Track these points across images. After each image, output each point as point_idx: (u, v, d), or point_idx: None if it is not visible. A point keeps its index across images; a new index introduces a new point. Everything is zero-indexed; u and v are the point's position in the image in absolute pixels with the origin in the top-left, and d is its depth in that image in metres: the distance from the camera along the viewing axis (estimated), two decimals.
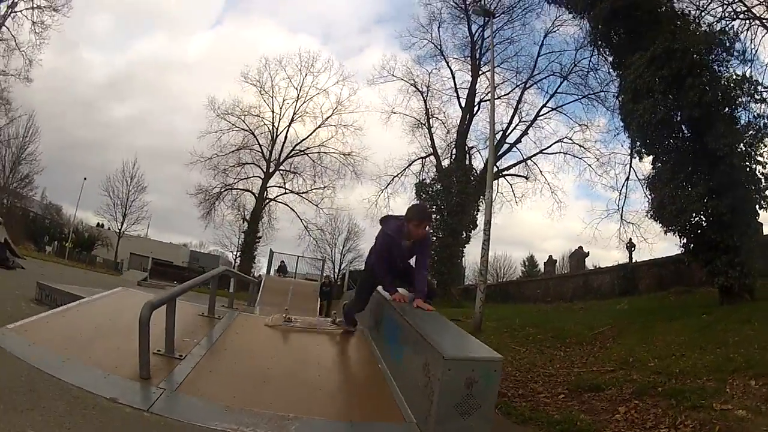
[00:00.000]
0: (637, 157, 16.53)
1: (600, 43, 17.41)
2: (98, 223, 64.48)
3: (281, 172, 51.77)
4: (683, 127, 13.80)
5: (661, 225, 14.31)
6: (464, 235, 34.91)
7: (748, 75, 13.64)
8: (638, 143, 15.18)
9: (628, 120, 14.74)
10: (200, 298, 8.53)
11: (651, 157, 14.81)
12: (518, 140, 39.33)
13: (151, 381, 4.46)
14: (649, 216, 15.56)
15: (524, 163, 39.65)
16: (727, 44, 13.49)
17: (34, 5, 37.18)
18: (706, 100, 12.43)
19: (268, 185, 51.14)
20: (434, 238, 34.11)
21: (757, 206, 12.67)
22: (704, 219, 13.04)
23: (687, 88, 12.62)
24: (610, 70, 22.25)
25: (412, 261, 6.30)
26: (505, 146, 39.33)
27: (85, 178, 58.98)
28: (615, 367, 7.57)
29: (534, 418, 5.28)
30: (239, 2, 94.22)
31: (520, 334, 13.03)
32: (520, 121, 39.29)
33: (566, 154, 38.01)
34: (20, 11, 37.12)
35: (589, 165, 36.21)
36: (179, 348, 5.27)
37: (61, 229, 61.86)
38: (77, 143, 78.27)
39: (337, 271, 57.37)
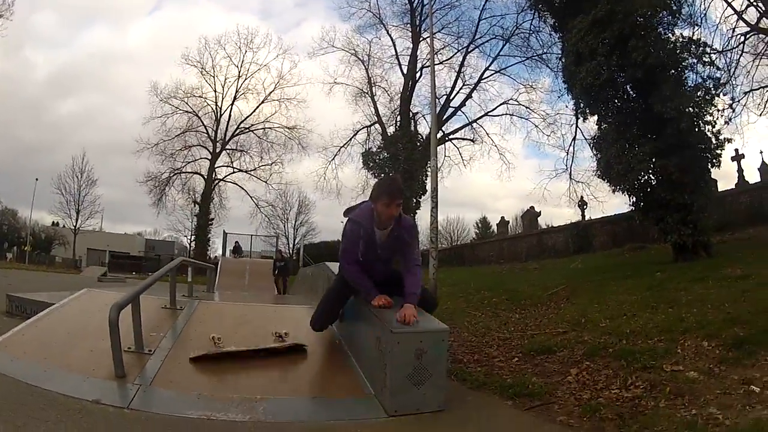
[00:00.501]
0: (582, 118, 16.64)
1: (541, 6, 17.87)
2: (53, 222, 63.61)
3: (228, 151, 51.49)
4: (628, 88, 14.03)
5: (609, 184, 14.68)
6: (414, 201, 34.75)
7: (695, 38, 13.86)
8: (582, 104, 15.36)
9: (571, 82, 14.96)
10: (162, 287, 8.59)
11: (596, 118, 15.09)
12: (463, 104, 39.31)
13: (126, 379, 4.65)
14: (596, 176, 15.87)
15: (470, 126, 39.80)
16: (674, 7, 13.62)
17: None
18: (650, 62, 12.65)
19: (216, 166, 50.78)
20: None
21: (709, 164, 12.96)
22: (653, 178, 13.36)
23: (630, 49, 12.82)
24: (552, 32, 22.39)
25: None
26: (450, 110, 39.33)
27: (36, 179, 58.16)
28: (567, 328, 7.75)
29: (488, 383, 5.40)
30: None
31: (475, 298, 13.25)
32: (463, 85, 39.27)
33: (512, 115, 38.23)
34: None
35: (536, 125, 36.49)
36: (147, 343, 5.42)
37: (18, 233, 60.85)
38: (28, 146, 76.54)
39: (291, 246, 57.26)
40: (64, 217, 60.03)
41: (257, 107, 50.99)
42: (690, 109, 12.73)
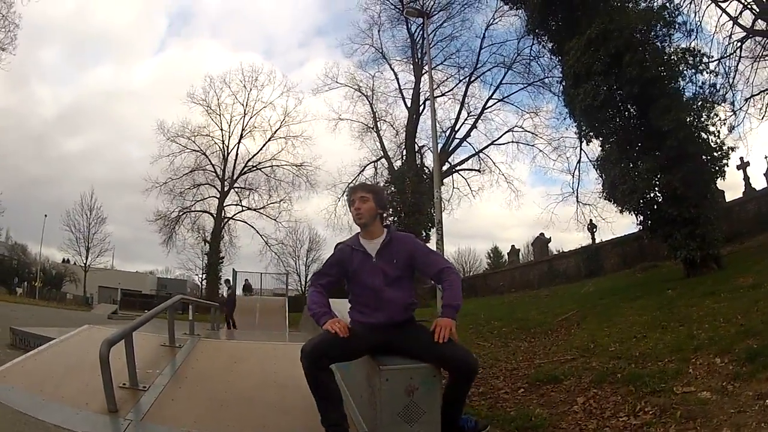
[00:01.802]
0: (585, 141, 16.59)
1: (538, 31, 17.72)
2: (64, 259, 63.66)
3: (236, 189, 51.50)
4: (627, 106, 13.98)
5: (615, 205, 14.55)
6: (423, 234, 34.32)
7: (692, 47, 13.85)
8: (584, 127, 15.38)
9: (572, 105, 14.96)
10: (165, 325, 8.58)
11: (599, 140, 15.03)
12: (468, 134, 39.67)
13: (118, 414, 4.65)
14: (603, 197, 15.91)
15: (477, 156, 40.05)
16: (668, 18, 13.63)
17: None
18: (646, 76, 12.62)
19: (224, 204, 50.81)
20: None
21: (714, 176, 12.85)
22: (659, 194, 13.22)
23: (625, 65, 12.78)
24: (551, 56, 22.37)
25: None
26: (456, 141, 39.74)
27: (45, 215, 58.42)
28: (576, 354, 7.54)
29: (491, 417, 5.18)
30: (181, 27, 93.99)
31: (485, 328, 13.03)
32: (468, 115, 39.68)
33: (518, 143, 38.51)
34: None
35: (541, 150, 36.61)
36: (143, 379, 5.44)
37: (29, 268, 60.70)
38: (35, 179, 76.90)
39: (303, 283, 57.03)
40: (74, 255, 60.17)
41: (264, 145, 51.28)
42: (689, 118, 12.68)
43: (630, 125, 13.88)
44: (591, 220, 28.71)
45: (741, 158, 21.35)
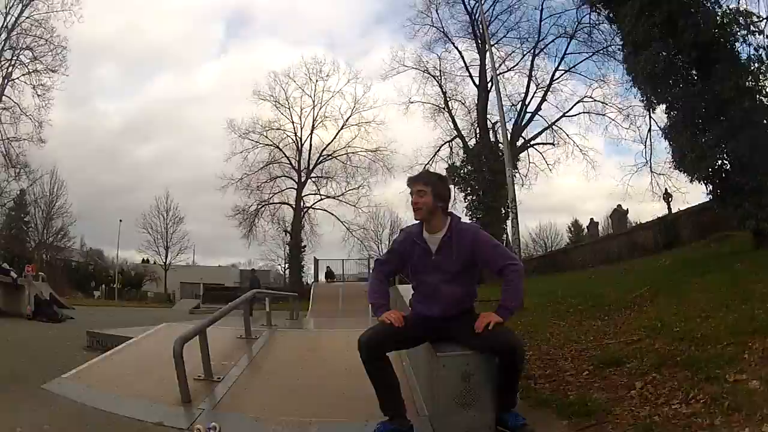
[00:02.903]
0: (650, 109, 16.15)
1: None
2: (144, 259, 65.90)
3: (313, 179, 53.01)
4: (688, 72, 13.49)
5: (685, 174, 14.11)
6: (503, 211, 34.53)
7: (741, 8, 13.20)
8: (648, 94, 14.92)
9: (634, 73, 14.59)
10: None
11: (664, 106, 14.56)
12: (539, 108, 39.49)
13: (191, 404, 5.01)
14: (673, 167, 15.57)
15: (550, 129, 39.84)
16: None
17: (30, 70, 39.65)
18: (702, 40, 12.22)
19: (303, 194, 52.40)
20: (473, 219, 34.74)
21: None
22: (727, 162, 12.77)
23: (680, 30, 12.39)
24: (609, 24, 22.11)
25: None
26: (527, 116, 39.55)
27: (120, 220, 60.94)
28: (642, 335, 7.32)
29: (550, 401, 5.20)
30: (239, 29, 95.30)
31: (561, 307, 12.85)
32: (537, 89, 39.31)
33: (589, 113, 38.17)
34: (17, 78, 39.74)
35: (613, 120, 36.34)
36: (218, 371, 5.85)
37: (106, 272, 63.29)
38: (107, 189, 79.80)
39: None
40: (153, 255, 62.91)
41: (337, 134, 52.63)
42: (749, 83, 12.20)
43: (693, 91, 13.23)
44: (666, 189, 27.86)
45: None
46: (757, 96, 12.28)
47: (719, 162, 12.88)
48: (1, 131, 40.39)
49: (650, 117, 25.83)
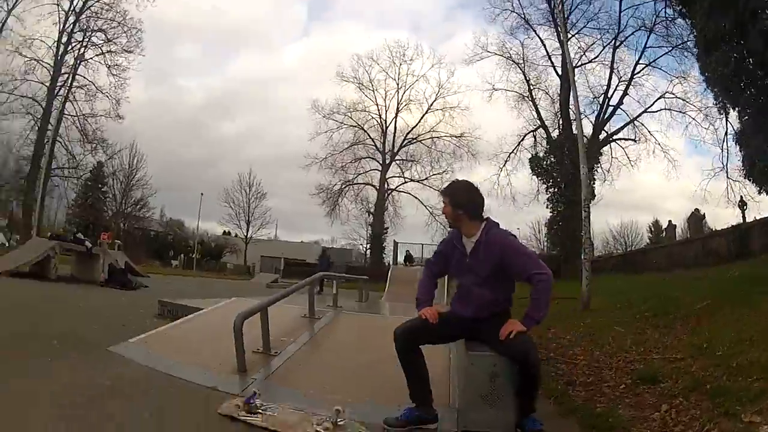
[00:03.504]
0: (724, 113, 15.71)
1: None
2: (225, 231, 67.57)
3: (398, 162, 54.47)
4: (760, 75, 12.89)
5: (755, 184, 13.88)
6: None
7: None
8: (720, 97, 14.62)
9: (707, 73, 14.17)
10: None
11: (737, 111, 14.16)
12: (621, 101, 38.53)
13: (247, 373, 5.57)
14: (743, 175, 15.23)
15: (632, 124, 38.97)
16: None
17: (104, 51, 43.31)
18: None
19: (387, 176, 53.85)
20: (554, 212, 36.49)
21: None
22: None
23: (750, 36, 11.93)
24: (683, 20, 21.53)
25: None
26: (610, 109, 38.84)
27: (202, 194, 64.32)
28: (686, 354, 7.14)
29: (579, 410, 5.31)
30: (322, 11, 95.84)
31: (629, 311, 12.48)
32: (619, 81, 38.55)
33: (670, 110, 37.15)
34: (90, 59, 43.42)
35: (694, 119, 35.41)
36: (276, 346, 6.40)
37: (186, 242, 65.70)
38: (190, 161, 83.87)
39: None
40: (235, 228, 64.78)
41: (421, 118, 53.95)
42: None
43: (765, 96, 12.73)
44: (741, 197, 27.04)
45: None
46: None
47: None
48: (76, 108, 43.74)
49: (726, 120, 24.75)
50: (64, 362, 5.94)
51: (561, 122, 38.93)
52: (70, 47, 42.83)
